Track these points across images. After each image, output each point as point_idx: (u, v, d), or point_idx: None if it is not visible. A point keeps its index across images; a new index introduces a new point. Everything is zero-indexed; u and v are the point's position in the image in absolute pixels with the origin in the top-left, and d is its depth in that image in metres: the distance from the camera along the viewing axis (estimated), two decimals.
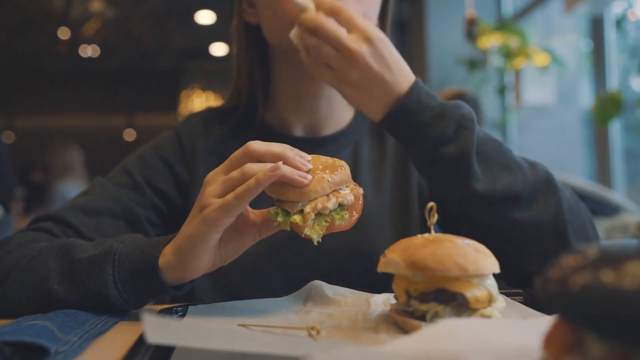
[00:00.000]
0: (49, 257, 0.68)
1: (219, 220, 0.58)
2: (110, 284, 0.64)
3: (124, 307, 0.66)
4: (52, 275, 0.66)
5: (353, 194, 0.61)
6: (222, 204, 0.57)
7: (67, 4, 5.96)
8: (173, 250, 0.62)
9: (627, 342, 0.26)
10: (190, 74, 8.40)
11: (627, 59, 3.21)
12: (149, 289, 0.64)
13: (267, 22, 0.85)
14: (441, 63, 4.57)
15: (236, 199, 0.57)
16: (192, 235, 0.60)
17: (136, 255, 0.64)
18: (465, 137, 0.70)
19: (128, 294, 0.64)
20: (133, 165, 0.87)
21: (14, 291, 0.67)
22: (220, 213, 0.57)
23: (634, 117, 3.00)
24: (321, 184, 0.58)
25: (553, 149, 4.33)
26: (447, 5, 4.69)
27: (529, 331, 0.39)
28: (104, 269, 0.64)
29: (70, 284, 0.65)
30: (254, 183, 0.56)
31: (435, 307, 0.52)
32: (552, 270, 0.31)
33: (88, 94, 8.50)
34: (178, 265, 0.62)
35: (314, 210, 0.57)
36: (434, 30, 4.71)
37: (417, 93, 0.71)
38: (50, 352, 0.49)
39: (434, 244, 0.53)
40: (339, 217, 0.59)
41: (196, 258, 0.60)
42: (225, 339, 0.41)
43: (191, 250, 0.60)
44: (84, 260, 0.66)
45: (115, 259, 0.65)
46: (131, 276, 0.64)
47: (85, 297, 0.65)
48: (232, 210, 0.57)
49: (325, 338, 0.52)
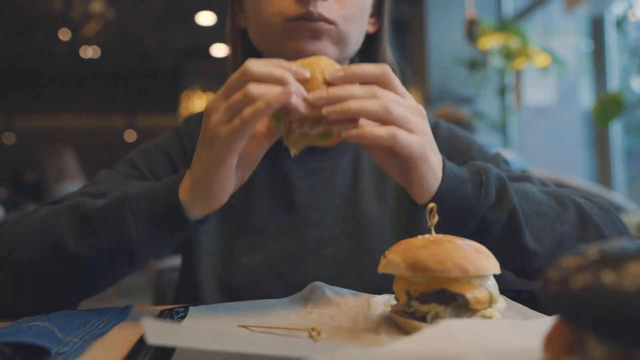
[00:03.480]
0: (59, 219, 0.66)
1: (231, 149, 0.58)
2: (132, 228, 0.62)
3: (148, 254, 0.65)
4: (65, 234, 0.64)
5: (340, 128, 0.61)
6: (231, 132, 0.57)
7: (67, 4, 5.97)
8: (192, 185, 0.62)
9: (627, 343, 0.26)
10: (191, 75, 8.41)
11: (628, 59, 3.22)
12: (173, 227, 0.64)
13: (252, 28, 0.84)
14: (441, 64, 4.57)
15: (244, 124, 0.56)
16: (209, 168, 0.60)
17: (153, 195, 0.64)
18: (507, 195, 0.68)
19: (152, 236, 0.63)
20: (138, 158, 0.86)
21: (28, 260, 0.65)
22: (231, 141, 0.57)
23: (634, 118, 3.00)
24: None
25: (553, 150, 4.33)
26: (447, 6, 4.69)
27: (529, 332, 0.39)
28: (123, 214, 0.63)
29: (87, 239, 0.63)
30: (263, 106, 0.55)
31: (435, 308, 0.52)
32: (552, 271, 0.31)
33: (88, 94, 8.52)
34: (201, 198, 0.62)
35: (299, 131, 0.60)
36: (434, 31, 4.72)
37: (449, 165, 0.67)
38: (51, 353, 0.49)
39: (435, 245, 0.53)
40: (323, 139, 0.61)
41: (219, 186, 0.61)
42: (226, 340, 0.41)
43: (212, 181, 0.61)
44: (98, 211, 0.65)
45: (133, 203, 0.64)
46: (152, 216, 0.63)
47: (105, 250, 0.63)
48: (242, 135, 0.57)
49: (326, 339, 0.52)
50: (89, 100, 8.53)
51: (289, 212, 0.85)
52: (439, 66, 4.61)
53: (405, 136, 0.59)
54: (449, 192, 0.65)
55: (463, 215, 0.66)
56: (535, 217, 0.69)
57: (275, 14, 0.77)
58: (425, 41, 4.73)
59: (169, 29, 6.87)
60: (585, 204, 0.74)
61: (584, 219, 0.72)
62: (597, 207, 0.75)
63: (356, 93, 0.58)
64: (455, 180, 0.66)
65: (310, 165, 0.87)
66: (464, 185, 0.66)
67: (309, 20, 0.75)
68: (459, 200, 0.65)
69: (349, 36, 0.80)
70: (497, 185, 0.68)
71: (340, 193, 0.86)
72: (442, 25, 4.69)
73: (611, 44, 3.20)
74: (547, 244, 0.68)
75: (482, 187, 0.67)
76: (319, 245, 0.83)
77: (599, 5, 3.01)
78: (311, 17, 0.75)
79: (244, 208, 0.85)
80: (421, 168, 0.62)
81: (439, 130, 0.91)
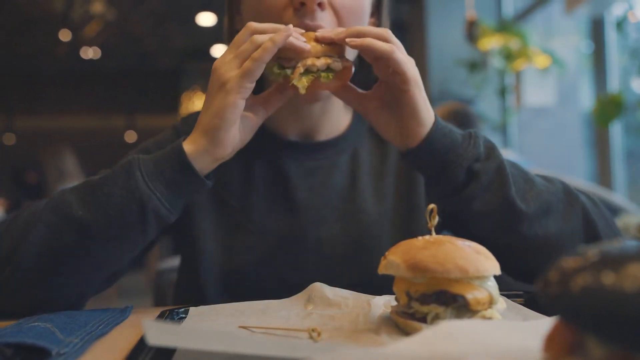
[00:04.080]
0: (65, 195, 0.68)
1: (243, 87, 0.64)
2: (141, 183, 0.65)
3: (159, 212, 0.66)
4: (74, 205, 0.66)
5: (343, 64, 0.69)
6: (243, 70, 0.64)
7: (68, 5, 5.97)
8: (200, 134, 0.67)
9: (627, 344, 0.26)
10: (191, 75, 8.41)
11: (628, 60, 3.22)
12: (180, 179, 0.66)
13: None
14: (441, 64, 4.57)
15: (255, 62, 0.63)
16: (220, 109, 0.65)
17: (159, 153, 0.68)
18: (495, 152, 0.71)
19: (161, 190, 0.66)
20: None
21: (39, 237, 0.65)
22: (243, 79, 0.64)
23: (634, 119, 3.00)
24: (315, 46, 0.67)
25: (553, 150, 4.33)
26: (447, 7, 4.69)
27: (529, 333, 0.39)
28: (131, 173, 0.66)
29: (95, 204, 0.65)
30: (270, 44, 0.63)
31: (435, 308, 0.52)
32: (552, 272, 0.31)
33: (88, 95, 8.52)
34: (210, 145, 0.66)
35: (303, 66, 0.66)
36: (434, 32, 4.72)
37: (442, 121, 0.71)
38: (52, 353, 0.49)
39: (435, 246, 0.53)
40: (325, 77, 0.68)
41: (226, 130, 0.66)
42: (226, 341, 0.41)
43: (222, 124, 0.65)
44: (105, 177, 0.67)
45: (140, 162, 0.67)
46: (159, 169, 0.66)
47: (115, 212, 0.65)
48: (253, 74, 0.64)
49: (326, 340, 0.52)
50: (89, 100, 8.53)
51: (288, 211, 0.85)
52: (439, 67, 4.60)
53: (402, 55, 0.66)
54: (440, 136, 0.69)
55: (452, 160, 0.69)
56: (522, 182, 0.72)
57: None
58: (425, 42, 4.72)
59: (169, 29, 6.87)
60: (572, 188, 0.76)
61: (571, 197, 0.74)
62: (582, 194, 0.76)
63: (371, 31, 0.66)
64: (446, 128, 0.70)
65: (308, 164, 0.88)
66: (453, 134, 0.70)
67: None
68: (450, 144, 0.69)
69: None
70: (485, 143, 0.72)
71: (338, 192, 0.87)
72: (442, 26, 4.69)
73: (611, 45, 3.20)
74: (533, 206, 0.70)
75: (471, 139, 0.71)
76: (318, 244, 0.83)
77: (599, 6, 3.01)
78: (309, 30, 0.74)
79: (244, 207, 0.85)
80: (416, 95, 0.67)
81: None
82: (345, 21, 0.77)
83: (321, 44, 0.67)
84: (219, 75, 0.66)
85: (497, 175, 0.70)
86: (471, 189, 0.69)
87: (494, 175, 0.69)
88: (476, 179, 0.69)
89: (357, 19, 0.79)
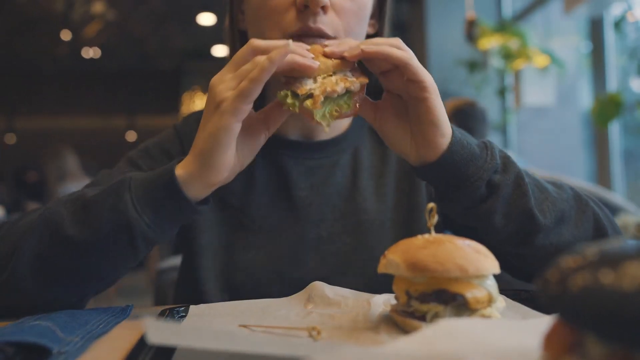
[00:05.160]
0: (58, 210, 0.66)
1: (238, 109, 0.60)
2: (130, 208, 0.62)
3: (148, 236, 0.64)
4: (65, 222, 0.64)
5: (359, 82, 0.63)
6: (239, 91, 0.59)
7: (68, 5, 5.97)
8: (194, 157, 0.63)
9: (626, 343, 0.26)
10: (191, 76, 8.41)
11: (627, 60, 3.22)
12: (171, 207, 0.63)
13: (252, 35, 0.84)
14: (441, 64, 4.57)
15: (252, 82, 0.59)
16: (214, 132, 0.61)
17: (150, 176, 0.65)
18: (512, 163, 0.69)
19: (150, 216, 0.63)
20: (138, 157, 0.86)
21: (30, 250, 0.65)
22: (238, 100, 0.59)
23: (633, 118, 3.00)
24: (325, 62, 0.62)
25: (553, 150, 4.33)
26: (447, 7, 4.69)
27: (528, 331, 0.39)
28: (121, 195, 0.63)
29: (86, 224, 0.63)
30: (267, 63, 0.58)
31: (435, 307, 0.52)
32: (551, 271, 0.31)
33: (89, 95, 8.52)
34: (199, 170, 0.62)
35: (323, 94, 0.60)
36: (434, 32, 4.71)
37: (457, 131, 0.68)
38: (52, 352, 0.49)
39: (435, 245, 0.53)
40: (346, 105, 0.62)
41: (220, 155, 0.62)
42: (227, 340, 0.41)
43: (215, 147, 0.61)
44: (97, 196, 0.65)
45: (131, 185, 0.64)
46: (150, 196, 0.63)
47: (103, 233, 0.63)
48: (249, 95, 0.59)
49: (326, 339, 0.52)
50: (90, 100, 8.53)
51: (289, 210, 0.85)
52: (438, 67, 4.60)
53: (418, 64, 0.63)
54: (459, 148, 0.65)
55: (473, 173, 0.66)
56: (538, 191, 0.70)
57: (274, 28, 0.76)
58: (425, 42, 4.72)
59: (169, 29, 6.87)
60: (580, 194, 0.75)
61: (581, 203, 0.73)
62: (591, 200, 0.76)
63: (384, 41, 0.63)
64: (464, 139, 0.67)
65: (309, 162, 0.88)
66: (471, 146, 0.67)
67: (308, 36, 0.74)
68: (470, 157, 0.66)
69: None
70: (500, 153, 0.70)
71: (339, 190, 0.87)
72: (442, 26, 4.69)
73: (610, 45, 3.20)
74: (549, 216, 0.68)
75: (488, 149, 0.68)
76: (319, 242, 0.83)
77: (598, 6, 3.01)
78: (311, 33, 0.73)
79: (244, 205, 0.86)
80: (435, 102, 0.64)
81: None
82: (347, 23, 0.77)
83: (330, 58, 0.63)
84: (214, 94, 0.62)
85: (516, 187, 0.68)
86: (491, 203, 0.67)
87: (513, 187, 0.67)
88: (496, 192, 0.67)
89: (359, 21, 0.79)
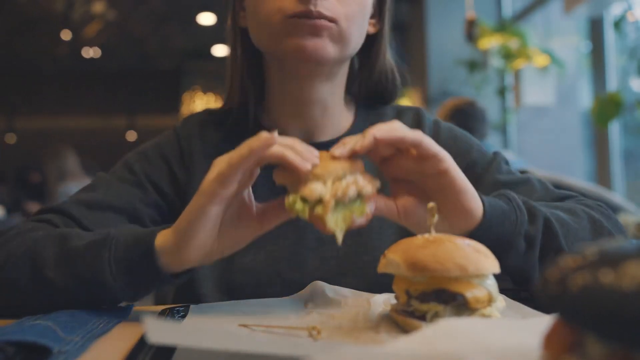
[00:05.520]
0: (45, 246, 0.67)
1: (214, 191, 0.58)
2: (105, 268, 0.62)
3: (119, 298, 0.64)
4: (47, 262, 0.65)
5: (371, 185, 0.60)
6: (217, 173, 0.58)
7: (68, 5, 5.97)
8: (172, 230, 0.62)
9: (626, 343, 0.26)
10: (192, 76, 8.41)
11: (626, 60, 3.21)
12: (145, 275, 0.63)
13: (252, 26, 0.84)
14: (441, 64, 4.57)
15: (228, 167, 0.57)
16: (190, 211, 0.60)
17: (132, 239, 0.63)
18: (535, 207, 0.68)
19: (122, 281, 0.63)
20: (136, 161, 0.86)
21: (10, 280, 0.66)
22: (214, 183, 0.57)
23: (633, 118, 3.00)
24: (334, 165, 0.58)
25: (553, 150, 4.33)
26: (447, 7, 4.69)
27: (528, 331, 0.39)
28: (100, 254, 0.63)
29: (65, 270, 0.64)
30: (246, 151, 0.56)
31: (435, 307, 0.52)
32: (551, 270, 0.31)
33: (89, 95, 8.51)
34: (175, 246, 0.61)
35: (333, 198, 0.56)
36: (434, 32, 4.72)
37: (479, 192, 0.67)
38: (53, 352, 0.49)
39: (435, 245, 0.53)
40: (359, 211, 0.58)
41: (193, 236, 0.59)
42: (227, 339, 0.41)
43: (188, 226, 0.59)
44: (80, 247, 0.65)
45: (112, 244, 0.63)
46: (126, 260, 0.62)
47: (80, 284, 0.63)
48: (226, 180, 0.57)
49: (326, 338, 0.52)
50: (90, 100, 8.53)
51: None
52: (438, 67, 4.61)
53: (429, 138, 0.60)
54: (492, 208, 0.64)
55: (509, 232, 0.65)
56: (559, 225, 0.69)
57: (275, 11, 0.77)
58: (425, 42, 4.73)
59: (169, 29, 6.86)
60: (592, 212, 0.74)
61: (596, 225, 0.73)
62: (598, 213, 0.75)
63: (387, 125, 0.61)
64: (490, 199, 0.65)
65: None
66: (498, 204, 0.65)
67: (308, 18, 0.75)
68: (502, 215, 0.64)
69: (350, 35, 0.80)
70: (520, 198, 0.68)
71: None
72: (442, 26, 4.69)
73: (610, 45, 3.20)
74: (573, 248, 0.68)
75: (512, 201, 0.67)
76: (318, 244, 0.83)
77: (598, 6, 3.01)
78: (311, 15, 0.75)
79: None
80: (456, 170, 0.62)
81: (440, 130, 0.91)
82: (347, 10, 0.78)
83: (339, 160, 0.59)
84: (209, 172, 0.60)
85: (546, 230, 0.67)
86: (532, 257, 0.66)
87: (544, 232, 0.67)
88: (534, 243, 0.66)
89: (360, 9, 0.80)
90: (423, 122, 0.92)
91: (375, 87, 0.93)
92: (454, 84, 4.34)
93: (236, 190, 0.59)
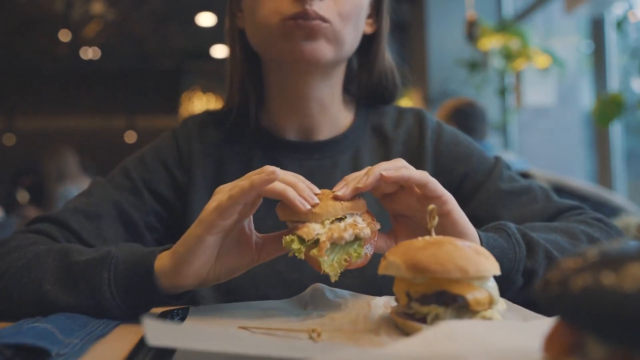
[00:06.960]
0: (46, 259, 0.68)
1: (213, 222, 0.59)
2: (105, 287, 0.63)
3: (117, 315, 0.65)
4: (47, 276, 0.66)
5: (370, 228, 0.60)
6: (216, 204, 0.59)
7: (68, 5, 5.97)
8: (170, 254, 0.63)
9: (627, 344, 0.26)
10: (191, 76, 8.42)
11: (628, 60, 3.21)
12: (143, 295, 0.64)
13: (249, 28, 0.85)
14: (442, 64, 4.57)
15: (229, 200, 0.58)
16: (188, 238, 0.61)
17: (133, 260, 0.64)
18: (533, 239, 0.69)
19: (121, 300, 0.63)
20: (133, 167, 0.86)
21: (7, 291, 0.67)
22: (213, 214, 0.58)
23: (634, 118, 3.00)
24: (334, 205, 0.59)
25: (554, 150, 4.33)
26: (447, 7, 4.69)
27: (529, 333, 0.39)
28: (100, 272, 0.64)
29: (64, 286, 0.65)
30: (247, 185, 0.57)
31: (435, 309, 0.52)
32: (552, 272, 0.31)
33: (89, 95, 8.51)
34: (172, 269, 0.62)
35: (329, 240, 0.57)
36: (435, 32, 4.72)
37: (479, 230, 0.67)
38: (52, 354, 0.49)
39: (435, 246, 0.53)
40: (356, 254, 0.58)
41: (190, 262, 0.60)
42: (226, 342, 0.41)
43: (185, 253, 0.61)
44: (80, 263, 0.66)
45: (112, 263, 0.64)
46: (126, 280, 0.63)
47: (79, 300, 0.64)
48: (225, 212, 0.58)
49: (326, 340, 0.52)
50: (90, 101, 8.53)
51: None
52: (439, 67, 4.61)
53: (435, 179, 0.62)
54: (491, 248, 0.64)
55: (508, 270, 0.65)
56: (559, 254, 0.69)
57: (272, 13, 0.77)
58: (426, 42, 4.73)
59: (169, 30, 6.87)
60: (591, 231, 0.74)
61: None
62: (598, 231, 0.75)
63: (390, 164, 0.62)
64: (488, 235, 0.66)
65: (309, 163, 0.87)
66: (497, 242, 0.66)
67: (304, 19, 0.75)
68: (501, 254, 0.65)
69: (344, 35, 0.80)
70: (519, 231, 0.69)
71: None
72: (442, 26, 4.69)
73: (611, 45, 3.20)
74: None
75: (511, 237, 0.67)
76: None
77: (599, 6, 3.01)
78: (307, 16, 0.75)
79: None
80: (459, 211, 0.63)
81: (443, 133, 0.91)
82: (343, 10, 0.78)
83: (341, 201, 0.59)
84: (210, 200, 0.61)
85: (548, 262, 0.68)
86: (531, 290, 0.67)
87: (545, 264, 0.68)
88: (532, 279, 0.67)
89: (355, 8, 0.80)
90: (425, 123, 0.91)
91: (375, 87, 0.93)
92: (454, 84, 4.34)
93: (236, 219, 0.60)
